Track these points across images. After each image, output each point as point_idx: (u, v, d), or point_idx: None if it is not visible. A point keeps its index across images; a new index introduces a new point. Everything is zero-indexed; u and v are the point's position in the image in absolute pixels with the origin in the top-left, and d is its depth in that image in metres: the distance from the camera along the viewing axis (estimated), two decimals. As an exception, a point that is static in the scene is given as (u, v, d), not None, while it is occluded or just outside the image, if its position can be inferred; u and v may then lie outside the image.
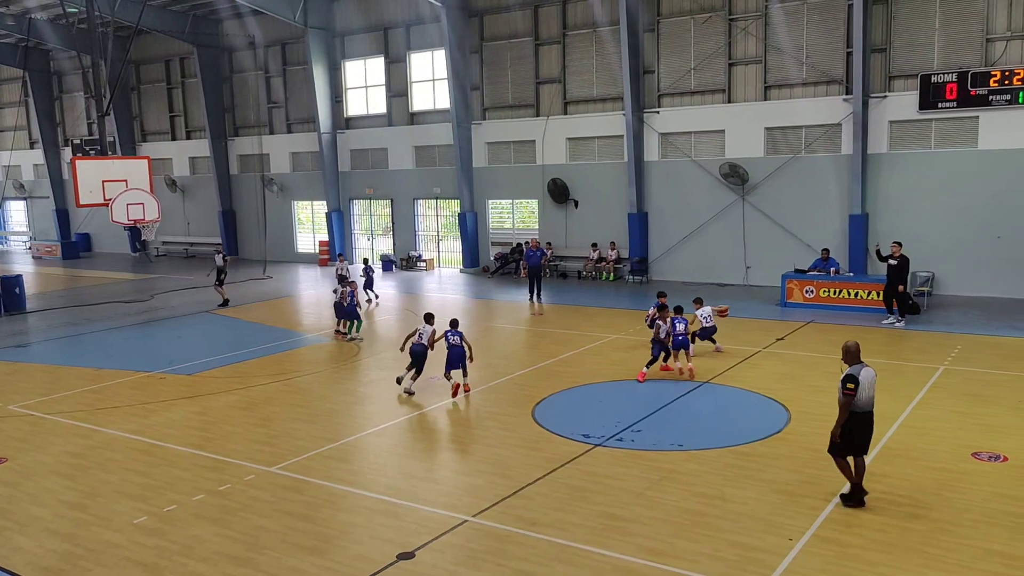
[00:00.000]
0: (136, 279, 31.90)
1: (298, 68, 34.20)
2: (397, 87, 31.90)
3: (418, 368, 14.34)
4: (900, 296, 18.74)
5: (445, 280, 29.27)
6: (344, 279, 20.41)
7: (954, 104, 21.60)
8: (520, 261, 28.35)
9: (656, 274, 26.86)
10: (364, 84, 32.95)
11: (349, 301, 18.96)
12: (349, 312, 19.03)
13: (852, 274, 21.83)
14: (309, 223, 36.16)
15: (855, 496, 9.02)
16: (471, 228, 30.41)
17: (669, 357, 15.03)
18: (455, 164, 30.02)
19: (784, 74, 24.17)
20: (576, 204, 28.25)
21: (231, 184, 37.54)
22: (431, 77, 31.05)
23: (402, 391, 14.25)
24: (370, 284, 24.08)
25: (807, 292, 21.26)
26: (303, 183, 35.35)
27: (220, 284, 24.00)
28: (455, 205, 31.16)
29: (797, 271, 21.99)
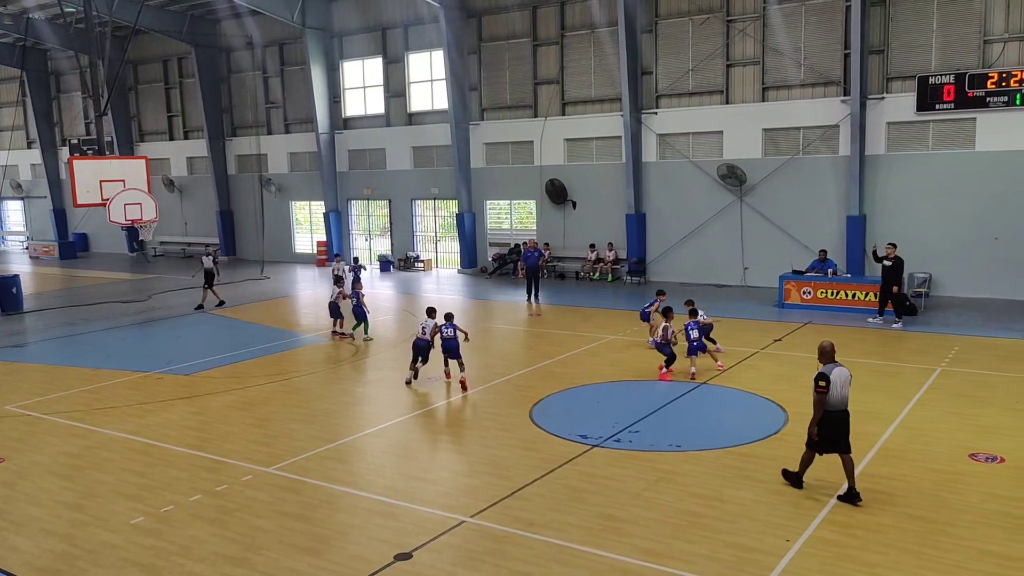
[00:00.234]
0: (133, 279, 31.88)
1: (296, 68, 34.19)
2: (395, 87, 31.90)
3: (423, 360, 14.97)
4: (896, 297, 18.76)
5: (443, 280, 29.27)
6: (340, 279, 20.41)
7: (952, 106, 21.63)
8: (518, 262, 28.36)
9: (654, 275, 26.87)
10: (362, 84, 32.95)
11: (355, 302, 18.98)
12: (357, 313, 19.06)
13: (850, 275, 21.86)
14: (307, 223, 36.14)
15: (793, 480, 9.63)
16: (469, 229, 30.41)
17: (672, 362, 14.97)
18: (453, 165, 30.02)
19: (782, 75, 24.20)
20: (574, 205, 28.26)
21: (229, 184, 37.51)
22: (429, 78, 31.05)
23: (407, 379, 14.97)
24: (356, 279, 23.94)
25: (805, 293, 21.28)
26: (301, 183, 35.34)
27: (209, 287, 23.77)
28: (453, 205, 31.16)
29: (795, 272, 22.01)
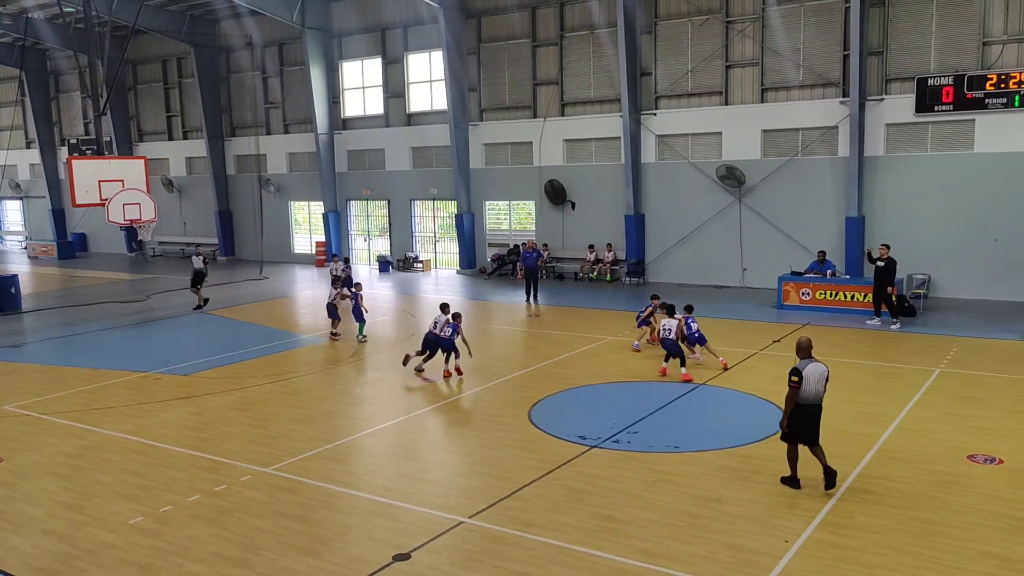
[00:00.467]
0: (132, 279, 31.85)
1: (295, 68, 34.18)
2: (394, 88, 31.89)
3: (430, 354, 15.34)
4: (890, 297, 18.80)
5: (442, 281, 29.26)
6: (337, 280, 20.41)
7: (950, 107, 21.64)
8: (517, 262, 28.36)
9: (653, 276, 26.88)
10: (361, 85, 32.94)
11: (354, 303, 19.01)
12: (355, 314, 19.10)
13: (848, 276, 21.87)
14: (306, 224, 36.13)
15: (790, 482, 9.67)
16: (468, 229, 30.41)
17: (670, 360, 15.01)
18: (452, 165, 30.02)
19: (781, 76, 24.21)
20: (573, 206, 28.27)
21: (228, 184, 37.49)
22: (428, 78, 31.05)
23: (413, 367, 15.51)
24: (348, 283, 23.93)
25: (803, 294, 21.29)
26: (300, 183, 35.33)
27: (196, 287, 23.64)
28: (452, 206, 31.16)
29: (793, 273, 22.02)
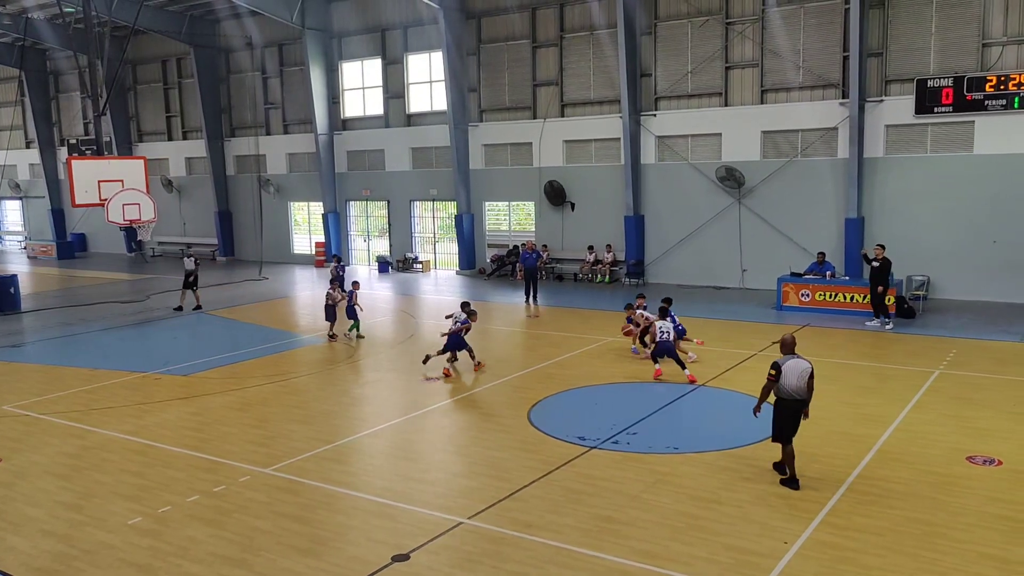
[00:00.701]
0: (132, 279, 31.86)
1: (295, 69, 34.18)
2: (394, 88, 31.90)
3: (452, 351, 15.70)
4: (881, 297, 18.84)
5: (441, 282, 29.26)
6: (333, 281, 20.39)
7: (950, 109, 21.65)
8: (516, 263, 28.36)
9: (652, 277, 26.88)
10: (361, 85, 32.94)
11: (348, 302, 18.98)
12: (349, 313, 19.08)
13: (848, 278, 21.85)
14: (305, 224, 36.13)
15: (781, 474, 9.96)
16: (467, 230, 30.41)
17: (659, 361, 15.05)
18: (452, 166, 30.02)
19: (781, 78, 24.22)
20: (573, 206, 28.27)
21: (227, 185, 37.49)
22: (428, 79, 31.05)
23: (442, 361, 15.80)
24: (340, 281, 23.86)
25: (803, 295, 21.29)
26: (300, 184, 35.33)
27: (187, 288, 23.54)
28: (452, 207, 31.15)
29: (793, 274, 22.03)
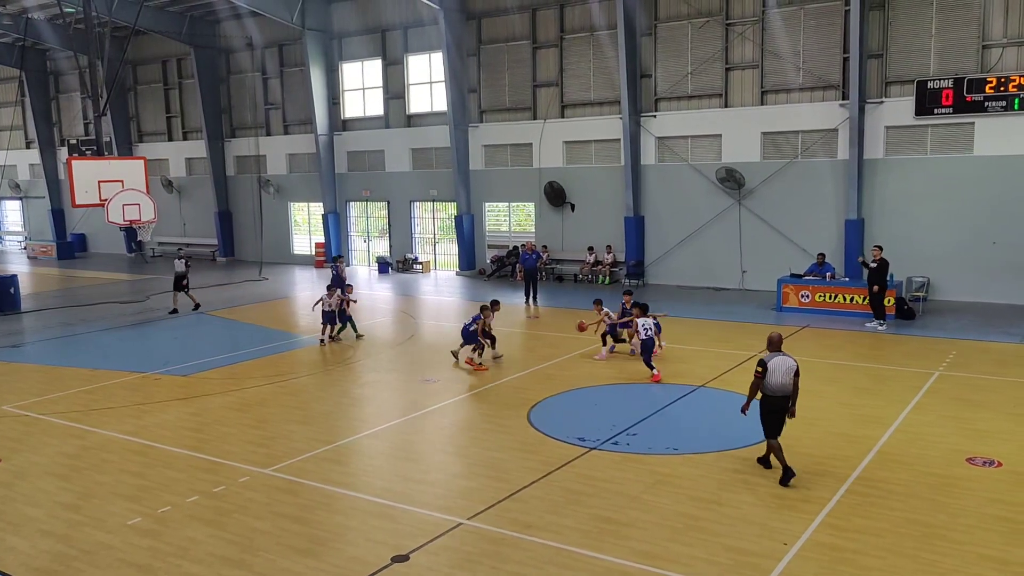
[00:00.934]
0: (132, 280, 31.84)
1: (295, 70, 34.18)
2: (394, 89, 31.90)
3: (474, 345, 16.10)
4: (877, 298, 18.86)
5: (441, 282, 29.26)
6: (331, 285, 20.37)
7: (950, 110, 21.65)
8: (516, 264, 28.36)
9: (652, 278, 26.88)
10: (361, 86, 32.94)
11: (339, 306, 18.98)
12: (342, 317, 19.11)
13: (847, 279, 21.85)
14: (305, 225, 36.13)
15: (765, 467, 10.31)
16: (467, 231, 30.41)
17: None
18: (452, 166, 30.02)
19: (781, 79, 24.22)
20: (573, 207, 28.27)
21: (227, 185, 37.48)
22: (428, 79, 31.06)
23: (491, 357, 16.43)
24: (337, 283, 23.82)
25: (803, 297, 21.29)
26: (300, 184, 35.32)
27: (178, 289, 23.46)
28: (452, 207, 31.15)
29: (793, 276, 22.03)
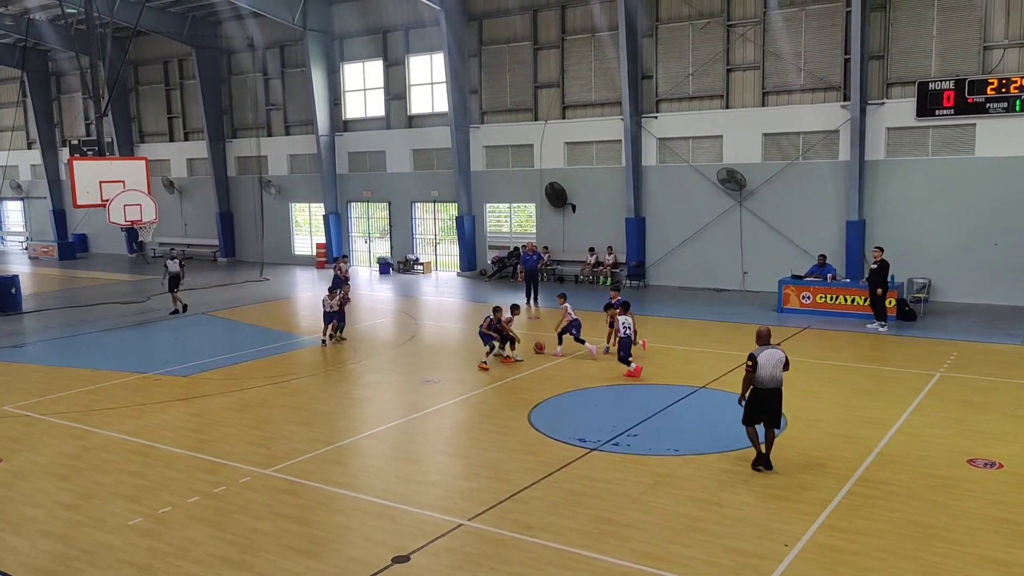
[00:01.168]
0: (133, 280, 31.86)
1: (297, 70, 34.20)
2: (396, 90, 31.91)
3: (502, 342, 16.69)
4: (878, 299, 18.84)
5: (442, 283, 29.26)
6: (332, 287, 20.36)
7: (951, 111, 21.64)
8: (517, 265, 28.35)
9: (653, 279, 26.87)
10: (363, 87, 32.95)
11: (339, 305, 19.00)
12: (339, 316, 19.12)
13: (848, 280, 21.85)
14: (307, 225, 36.14)
15: (761, 463, 10.34)
16: (468, 231, 30.41)
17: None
18: (453, 167, 30.03)
19: (782, 80, 24.22)
20: (574, 208, 28.26)
21: (229, 186, 37.50)
22: (430, 80, 31.06)
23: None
24: (337, 284, 23.83)
25: (804, 298, 21.27)
26: (301, 185, 35.34)
27: (173, 290, 23.35)
28: (453, 208, 31.15)
29: (794, 277, 22.02)
